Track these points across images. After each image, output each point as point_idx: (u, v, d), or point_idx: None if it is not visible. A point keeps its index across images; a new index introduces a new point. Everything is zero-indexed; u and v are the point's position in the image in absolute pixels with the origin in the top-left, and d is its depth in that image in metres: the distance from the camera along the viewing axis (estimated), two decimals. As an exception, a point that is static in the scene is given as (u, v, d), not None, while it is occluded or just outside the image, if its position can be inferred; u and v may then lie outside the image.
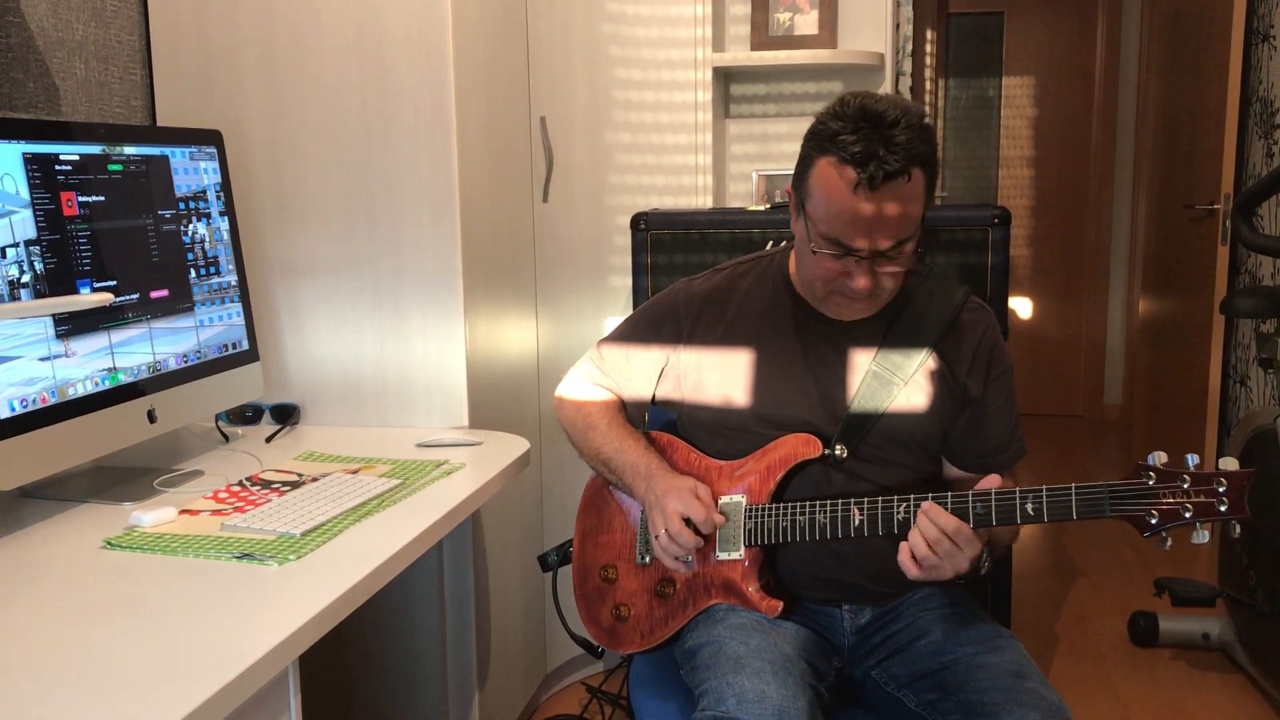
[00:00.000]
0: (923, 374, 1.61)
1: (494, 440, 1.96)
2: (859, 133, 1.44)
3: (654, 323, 1.76)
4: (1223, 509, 1.36)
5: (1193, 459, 1.39)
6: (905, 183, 1.44)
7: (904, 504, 1.49)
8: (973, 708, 1.46)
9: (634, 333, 1.79)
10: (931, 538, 1.42)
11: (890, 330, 1.63)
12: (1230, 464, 1.37)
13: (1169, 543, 1.39)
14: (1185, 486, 1.37)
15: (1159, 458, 1.39)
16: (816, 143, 1.49)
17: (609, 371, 1.80)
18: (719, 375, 1.68)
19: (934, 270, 1.70)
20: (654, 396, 1.78)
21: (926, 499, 1.46)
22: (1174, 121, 4.27)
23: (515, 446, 1.91)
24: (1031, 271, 5.76)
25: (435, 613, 1.98)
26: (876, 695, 1.62)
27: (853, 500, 1.52)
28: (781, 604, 1.59)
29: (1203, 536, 1.36)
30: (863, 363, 1.63)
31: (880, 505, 1.50)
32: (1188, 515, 1.37)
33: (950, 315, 1.63)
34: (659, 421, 1.88)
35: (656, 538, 1.59)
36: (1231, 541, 2.75)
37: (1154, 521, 1.38)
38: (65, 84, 1.86)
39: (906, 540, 1.45)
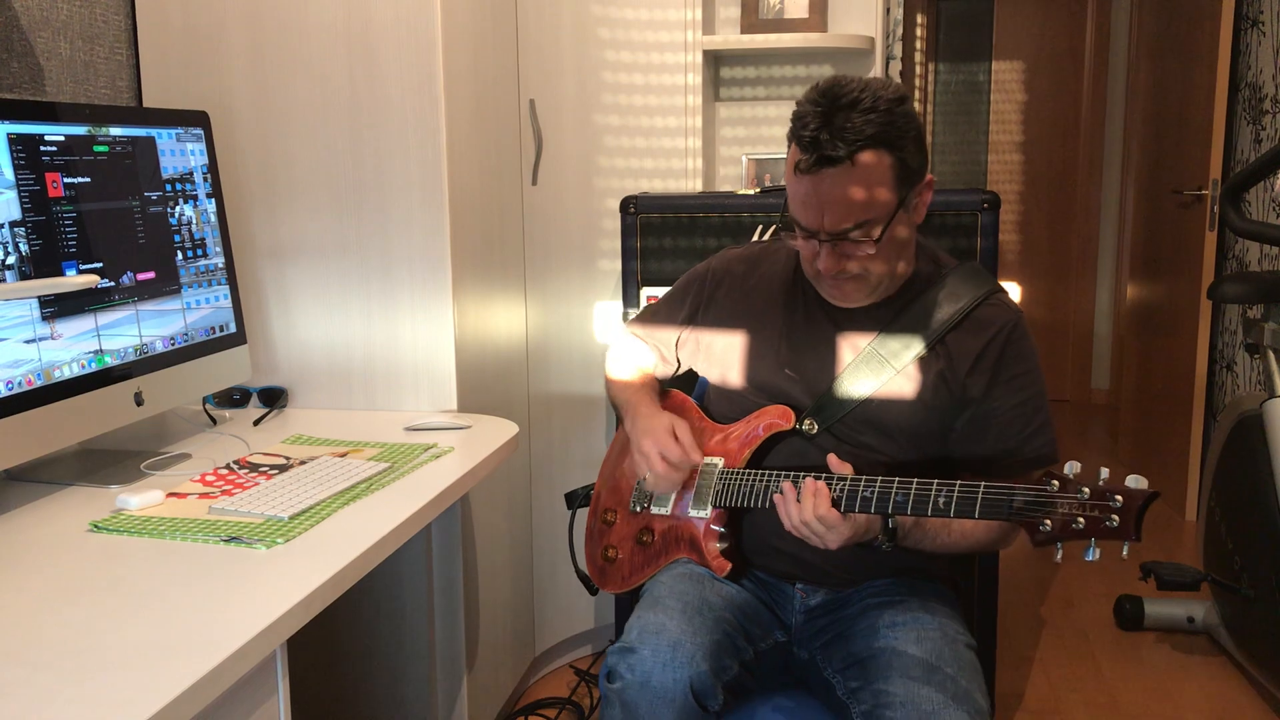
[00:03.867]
0: (919, 365, 1.60)
1: (483, 424, 1.96)
2: (814, 116, 1.47)
3: (685, 286, 1.87)
4: (1111, 525, 1.32)
5: (1104, 473, 1.35)
6: (849, 168, 1.45)
7: (840, 484, 1.50)
8: (879, 698, 1.46)
9: (671, 296, 1.90)
10: (805, 518, 1.48)
11: (897, 318, 1.62)
12: (1137, 482, 1.33)
13: (1060, 554, 1.37)
14: (1083, 499, 1.34)
15: (1073, 468, 1.37)
16: (791, 125, 1.54)
17: (646, 334, 1.93)
18: (726, 340, 1.76)
19: (964, 265, 1.68)
20: (678, 359, 1.88)
21: (893, 481, 1.47)
22: (1163, 107, 4.27)
23: (504, 430, 1.91)
24: (1020, 256, 5.77)
25: (424, 596, 1.97)
26: (816, 678, 1.65)
27: (821, 475, 1.52)
28: (730, 565, 1.65)
29: (1093, 554, 1.33)
30: (858, 346, 1.63)
31: (848, 482, 1.50)
32: (1077, 527, 1.34)
33: (963, 310, 1.60)
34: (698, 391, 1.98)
35: (644, 479, 1.68)
36: (1216, 526, 2.77)
37: (1045, 529, 1.36)
38: (50, 64, 1.85)
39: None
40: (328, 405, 2.08)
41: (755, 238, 2.25)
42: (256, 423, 1.97)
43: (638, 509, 1.77)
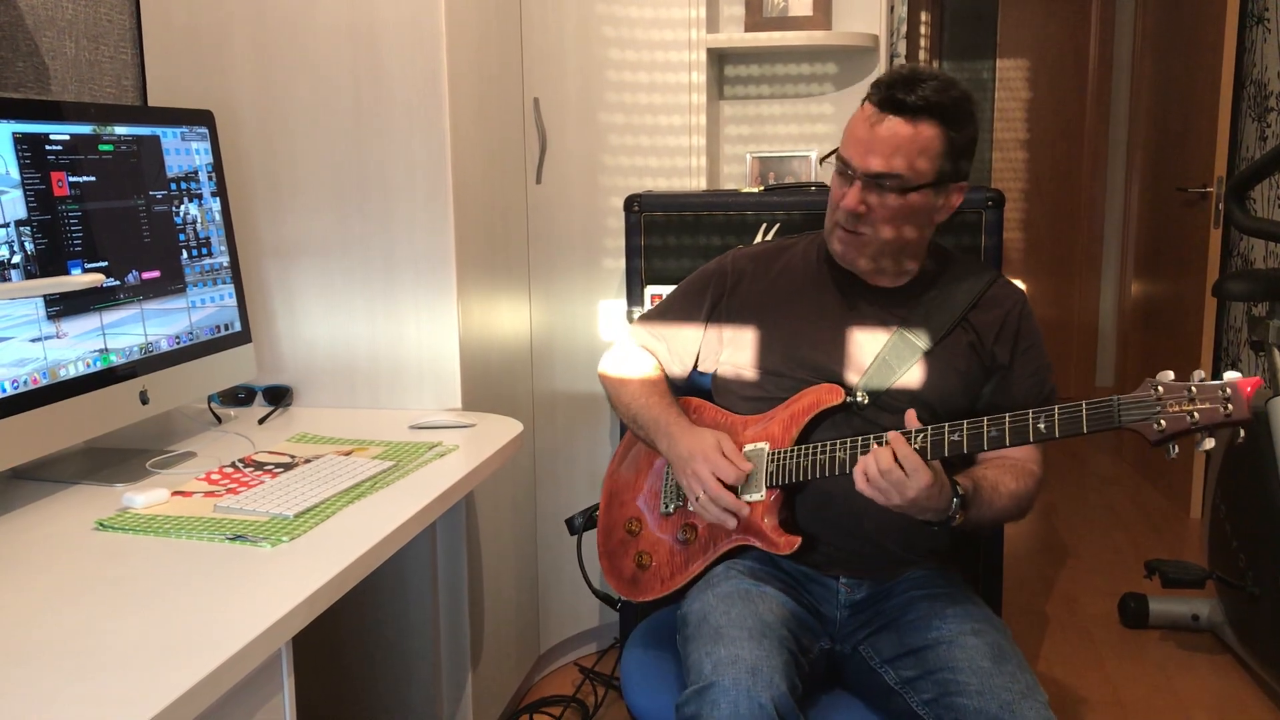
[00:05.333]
0: (952, 339, 1.70)
1: (487, 422, 1.96)
2: (892, 78, 1.61)
3: (702, 281, 1.87)
4: (1227, 412, 1.37)
5: (1198, 374, 1.41)
6: (909, 123, 1.57)
7: (921, 435, 1.52)
8: (947, 686, 1.49)
9: (683, 294, 1.90)
10: (884, 465, 1.47)
11: (923, 298, 1.72)
12: (1234, 375, 1.39)
13: (1175, 450, 1.42)
14: (1191, 395, 1.40)
15: (1166, 375, 1.42)
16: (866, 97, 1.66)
17: (659, 334, 1.90)
18: (760, 318, 1.79)
19: (965, 257, 1.81)
20: (698, 354, 1.87)
21: (943, 429, 1.51)
22: (1167, 104, 4.26)
23: (509, 428, 1.92)
24: (1025, 254, 5.76)
25: (428, 594, 1.98)
26: (860, 670, 1.65)
27: (872, 436, 1.56)
28: (799, 539, 1.64)
29: (1207, 444, 1.40)
30: (893, 323, 1.71)
31: (929, 431, 1.53)
32: (1193, 421, 1.39)
33: (981, 289, 1.73)
34: (698, 391, 1.94)
35: (696, 499, 1.66)
36: (1221, 523, 2.76)
37: (1159, 428, 1.40)
38: (55, 63, 1.85)
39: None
40: (332, 404, 2.09)
41: (759, 236, 2.25)
42: (261, 421, 1.98)
43: (671, 509, 1.78)
